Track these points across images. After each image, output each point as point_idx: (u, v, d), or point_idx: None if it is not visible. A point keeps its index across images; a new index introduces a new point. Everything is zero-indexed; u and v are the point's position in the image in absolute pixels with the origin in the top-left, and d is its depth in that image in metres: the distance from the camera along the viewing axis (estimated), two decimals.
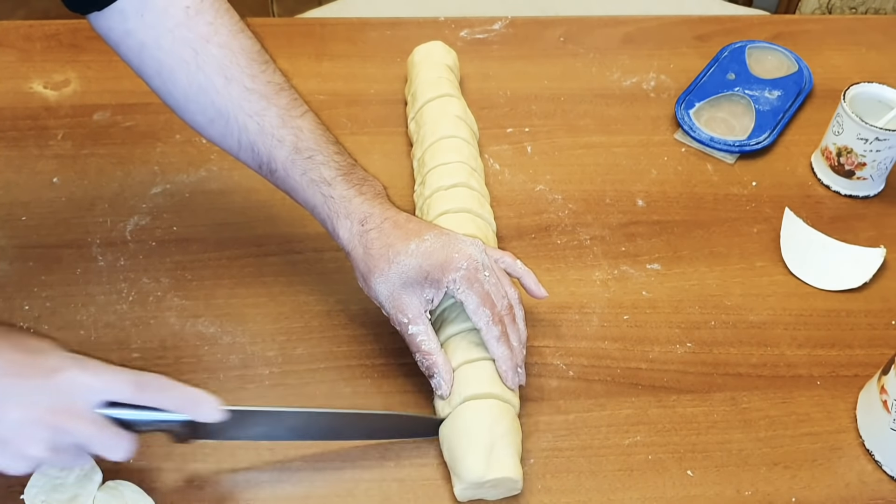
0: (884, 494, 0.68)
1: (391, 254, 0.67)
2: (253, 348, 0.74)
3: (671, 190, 0.90)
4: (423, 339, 0.67)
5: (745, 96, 0.99)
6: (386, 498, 0.66)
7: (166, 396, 0.58)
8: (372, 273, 0.68)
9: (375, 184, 0.71)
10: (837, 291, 0.82)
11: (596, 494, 0.67)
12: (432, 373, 0.67)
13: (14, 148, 0.90)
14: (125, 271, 0.79)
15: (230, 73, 0.69)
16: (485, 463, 0.63)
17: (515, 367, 0.68)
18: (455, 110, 0.88)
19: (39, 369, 0.55)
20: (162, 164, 0.89)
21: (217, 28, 0.69)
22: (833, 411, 0.73)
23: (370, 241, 0.68)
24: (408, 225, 0.69)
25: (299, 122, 0.70)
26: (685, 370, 0.75)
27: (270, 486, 0.66)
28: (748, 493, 0.67)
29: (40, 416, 0.54)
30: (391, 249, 0.67)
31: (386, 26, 1.08)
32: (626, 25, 1.10)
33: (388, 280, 0.67)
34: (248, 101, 0.69)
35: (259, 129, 0.70)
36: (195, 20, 0.68)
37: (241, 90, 0.69)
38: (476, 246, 0.68)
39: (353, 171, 0.71)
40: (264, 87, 0.70)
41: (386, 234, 0.68)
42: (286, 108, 0.70)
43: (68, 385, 0.55)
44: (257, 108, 0.69)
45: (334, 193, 0.69)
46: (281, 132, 0.70)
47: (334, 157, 0.70)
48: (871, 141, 0.86)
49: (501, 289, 0.68)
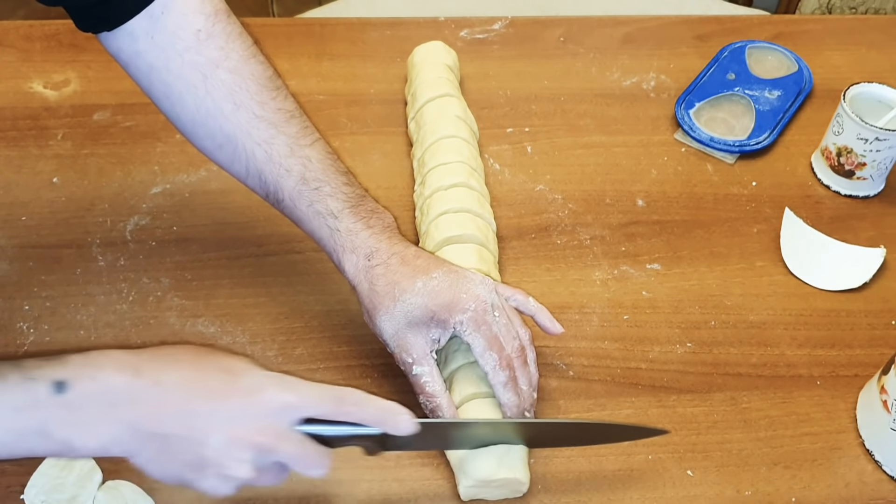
0: (884, 494, 0.68)
1: (397, 292, 0.66)
2: (253, 348, 0.74)
3: (671, 190, 0.90)
4: (427, 381, 0.66)
5: (745, 96, 0.99)
6: (386, 498, 0.66)
7: (364, 411, 0.57)
8: (377, 310, 0.66)
9: (385, 216, 0.70)
10: (837, 291, 0.82)
11: (596, 494, 0.67)
12: (437, 416, 0.66)
13: (14, 148, 0.90)
14: (125, 271, 0.79)
15: (239, 99, 0.68)
16: (497, 462, 0.63)
17: (523, 412, 0.66)
18: (455, 110, 0.88)
19: (240, 390, 0.55)
20: (162, 164, 0.89)
21: (228, 53, 0.68)
22: (833, 411, 0.73)
23: (376, 277, 0.66)
24: (415, 261, 0.67)
25: (308, 151, 0.69)
26: (685, 370, 0.75)
27: (270, 485, 0.66)
28: (748, 493, 0.67)
29: (244, 437, 0.54)
30: (397, 287, 0.66)
31: (386, 26, 1.08)
32: (626, 25, 1.10)
33: (394, 318, 0.66)
34: (256, 129, 0.68)
35: (267, 158, 0.69)
36: (206, 44, 0.67)
37: (250, 117, 0.68)
38: (485, 285, 0.67)
39: (361, 203, 0.69)
40: (274, 114, 0.69)
41: (392, 271, 0.66)
42: (295, 136, 0.69)
43: (269, 404, 0.55)
44: (266, 136, 0.68)
45: (341, 227, 0.68)
46: (289, 161, 0.68)
47: (343, 189, 0.69)
48: (871, 141, 0.86)
49: (512, 329, 0.67)
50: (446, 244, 0.76)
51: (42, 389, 0.51)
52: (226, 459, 0.54)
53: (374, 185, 0.88)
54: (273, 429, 0.55)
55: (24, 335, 0.74)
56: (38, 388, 0.51)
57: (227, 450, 0.54)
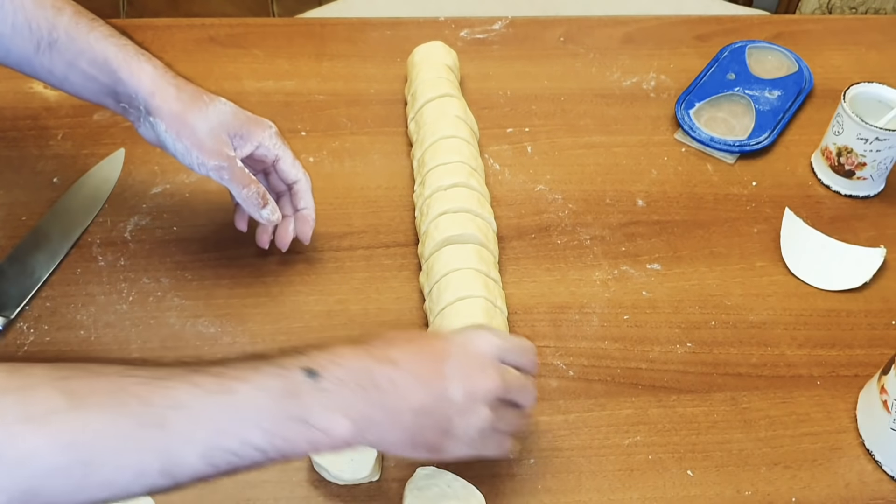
0: (884, 494, 0.68)
1: (206, 97, 0.69)
2: (253, 348, 0.74)
3: (671, 190, 0.90)
4: (248, 172, 0.71)
5: (745, 96, 0.99)
6: (387, 498, 0.66)
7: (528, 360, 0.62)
8: (188, 110, 0.69)
9: None
10: (837, 291, 0.82)
11: (596, 494, 0.67)
12: (266, 200, 0.71)
13: (14, 148, 0.90)
14: (125, 271, 0.79)
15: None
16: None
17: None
18: (455, 110, 0.88)
19: (454, 346, 0.58)
20: (162, 164, 0.89)
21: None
22: (833, 411, 0.73)
23: (182, 83, 0.69)
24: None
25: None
26: (685, 370, 0.75)
27: (271, 486, 0.66)
28: (748, 493, 0.67)
29: (477, 385, 0.56)
30: (205, 94, 0.69)
31: (386, 26, 1.08)
32: (626, 25, 1.10)
33: (208, 118, 0.69)
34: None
35: (35, 5, 0.69)
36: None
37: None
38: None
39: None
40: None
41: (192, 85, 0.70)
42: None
43: (484, 351, 0.58)
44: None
45: (129, 43, 0.70)
46: (58, 3, 0.70)
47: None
48: (871, 141, 0.86)
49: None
50: (446, 244, 0.76)
51: (297, 377, 0.51)
52: (469, 413, 0.56)
53: (374, 185, 0.88)
54: (495, 369, 0.58)
55: (24, 335, 0.74)
56: (293, 376, 0.51)
57: (469, 402, 0.56)
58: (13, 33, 0.69)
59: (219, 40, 1.03)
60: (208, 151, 0.70)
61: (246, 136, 0.72)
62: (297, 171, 0.76)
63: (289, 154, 0.75)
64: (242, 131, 0.72)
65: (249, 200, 0.72)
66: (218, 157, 0.70)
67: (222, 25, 1.05)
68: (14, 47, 0.70)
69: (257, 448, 0.50)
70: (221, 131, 0.70)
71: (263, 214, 0.73)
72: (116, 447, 0.47)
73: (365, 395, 0.53)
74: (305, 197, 0.77)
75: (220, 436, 0.49)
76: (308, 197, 0.77)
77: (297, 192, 0.77)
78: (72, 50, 0.69)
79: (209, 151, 0.70)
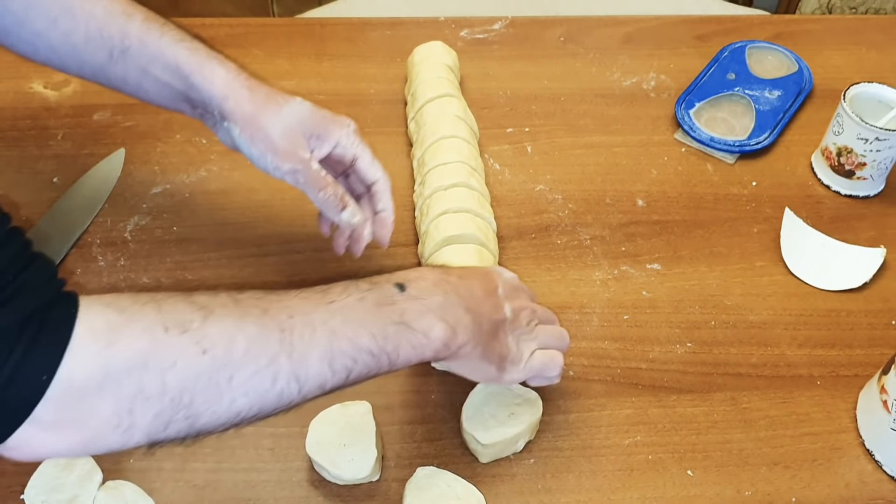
0: (884, 494, 0.68)
1: (280, 98, 0.68)
2: None
3: (671, 190, 0.90)
4: (326, 174, 0.68)
5: (745, 96, 0.99)
6: (386, 497, 0.66)
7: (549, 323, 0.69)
8: (262, 112, 0.67)
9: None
10: (837, 291, 0.82)
11: (596, 494, 0.67)
12: (346, 202, 0.68)
13: (14, 148, 0.90)
14: (125, 271, 0.79)
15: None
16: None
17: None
18: (455, 110, 0.88)
19: (494, 276, 0.65)
20: (162, 164, 0.89)
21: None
22: (833, 411, 0.73)
23: (255, 85, 0.68)
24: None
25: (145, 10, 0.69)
26: (685, 370, 0.75)
27: (271, 486, 0.66)
28: (748, 493, 0.67)
29: (519, 304, 0.64)
30: (279, 95, 0.68)
31: (386, 26, 1.08)
32: (626, 25, 1.10)
33: (282, 119, 0.67)
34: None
35: (106, 13, 0.67)
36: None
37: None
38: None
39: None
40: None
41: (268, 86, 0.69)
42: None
43: (514, 279, 0.67)
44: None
45: (201, 47, 0.68)
46: (129, 9, 0.68)
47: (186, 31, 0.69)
48: (871, 141, 0.86)
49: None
50: (446, 244, 0.76)
51: (390, 289, 0.57)
52: (518, 327, 0.63)
53: None
54: (525, 293, 0.67)
55: None
56: (387, 289, 0.57)
57: (517, 318, 0.63)
58: (86, 43, 0.67)
59: (219, 40, 1.02)
60: (282, 154, 0.66)
61: (323, 135, 0.69)
62: (376, 171, 0.72)
63: (367, 153, 0.71)
64: (319, 130, 0.68)
65: (327, 203, 0.68)
66: (292, 161, 0.67)
67: (222, 25, 1.05)
68: (88, 58, 0.68)
69: (368, 351, 0.54)
70: (297, 132, 0.67)
71: (343, 217, 0.69)
72: (250, 350, 0.50)
73: (450, 300, 0.58)
74: (384, 198, 0.72)
75: (335, 338, 0.53)
76: (387, 198, 0.72)
77: (376, 192, 0.72)
78: (145, 56, 0.67)
79: (283, 154, 0.66)
